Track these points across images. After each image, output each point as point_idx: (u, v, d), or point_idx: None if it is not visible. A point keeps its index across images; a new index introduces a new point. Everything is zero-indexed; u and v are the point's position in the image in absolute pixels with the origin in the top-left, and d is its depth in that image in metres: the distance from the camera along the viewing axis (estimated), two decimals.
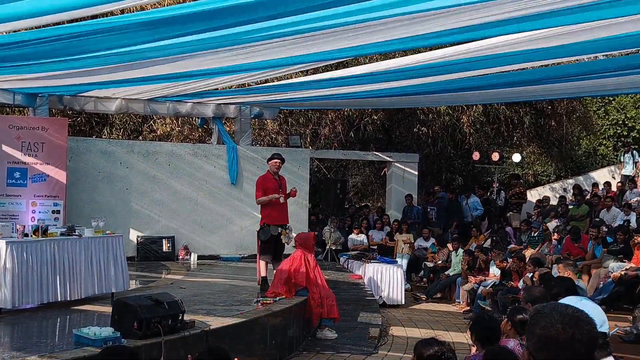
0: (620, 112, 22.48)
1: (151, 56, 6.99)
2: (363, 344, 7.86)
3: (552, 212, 13.94)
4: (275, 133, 16.42)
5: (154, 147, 12.47)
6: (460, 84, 9.56)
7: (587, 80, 8.80)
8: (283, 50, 6.98)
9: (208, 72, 8.57)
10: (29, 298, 6.63)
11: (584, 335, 1.76)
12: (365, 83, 10.08)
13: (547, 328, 1.77)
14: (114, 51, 6.67)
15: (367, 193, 21.04)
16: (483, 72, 8.89)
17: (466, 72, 8.74)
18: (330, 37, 6.37)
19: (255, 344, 6.73)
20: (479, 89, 10.07)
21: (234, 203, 12.56)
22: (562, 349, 1.75)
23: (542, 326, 1.78)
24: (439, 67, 8.40)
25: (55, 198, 10.33)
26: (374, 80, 9.81)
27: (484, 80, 9.29)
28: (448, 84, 9.58)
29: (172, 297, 5.85)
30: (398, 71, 9.06)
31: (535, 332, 1.80)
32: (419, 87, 9.76)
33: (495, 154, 14.29)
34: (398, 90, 10.16)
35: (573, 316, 1.79)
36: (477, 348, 4.25)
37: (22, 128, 10.23)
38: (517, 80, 9.63)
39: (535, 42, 6.74)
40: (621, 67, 8.10)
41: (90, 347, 4.98)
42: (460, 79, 9.17)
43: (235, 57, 7.32)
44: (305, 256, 8.12)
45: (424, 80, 9.26)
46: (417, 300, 12.02)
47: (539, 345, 1.79)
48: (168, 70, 8.06)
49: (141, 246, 11.72)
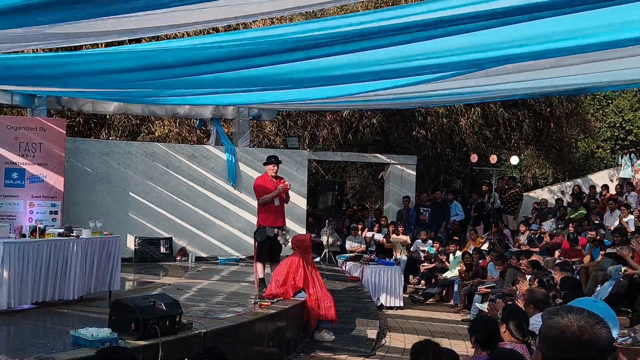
0: (618, 114, 22.54)
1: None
2: (361, 346, 7.85)
3: (549, 214, 13.96)
4: (274, 135, 16.42)
5: (152, 148, 12.46)
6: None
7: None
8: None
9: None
10: (26, 298, 6.62)
11: (600, 339, 1.75)
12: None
13: (563, 331, 1.76)
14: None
15: (365, 195, 21.03)
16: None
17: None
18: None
19: (253, 345, 6.73)
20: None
21: (232, 205, 12.55)
22: (577, 352, 1.73)
23: (558, 329, 1.77)
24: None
25: (53, 199, 10.32)
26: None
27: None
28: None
29: (170, 298, 5.84)
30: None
31: (551, 335, 1.78)
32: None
33: (493, 156, 14.32)
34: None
35: (589, 319, 1.77)
36: (477, 350, 4.25)
37: (20, 129, 10.22)
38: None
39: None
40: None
41: (88, 348, 4.97)
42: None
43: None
44: (302, 258, 8.11)
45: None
46: (415, 303, 12.02)
47: (553, 348, 1.77)
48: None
49: (139, 247, 11.70)
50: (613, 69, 6.50)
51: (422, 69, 6.13)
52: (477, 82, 7.17)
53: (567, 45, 5.05)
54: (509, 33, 4.95)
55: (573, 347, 1.74)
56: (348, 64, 5.86)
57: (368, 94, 8.18)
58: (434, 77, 6.65)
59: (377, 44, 5.16)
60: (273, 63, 5.82)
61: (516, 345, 4.22)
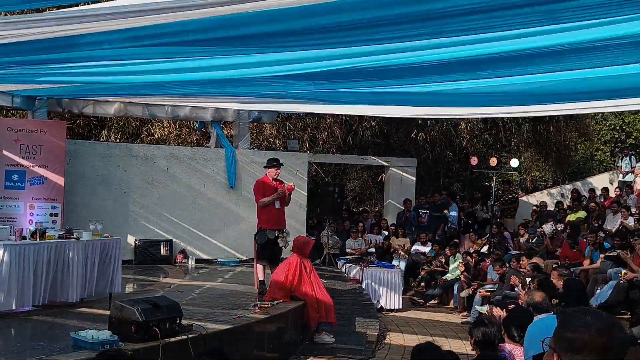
0: (618, 117, 22.57)
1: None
2: (360, 349, 7.85)
3: (549, 217, 13.96)
4: (274, 137, 16.44)
5: (152, 150, 12.47)
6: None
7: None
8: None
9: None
10: (27, 300, 6.62)
11: (617, 341, 1.75)
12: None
13: (581, 333, 1.75)
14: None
15: (365, 197, 21.05)
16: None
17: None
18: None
19: (253, 348, 6.73)
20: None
21: (232, 207, 12.56)
22: (593, 354, 1.73)
23: (575, 330, 1.76)
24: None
25: (54, 201, 10.32)
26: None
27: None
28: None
29: (170, 300, 5.85)
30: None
31: (567, 336, 1.78)
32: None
33: (493, 159, 14.33)
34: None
35: (607, 322, 1.77)
36: (477, 352, 4.26)
37: (21, 131, 10.22)
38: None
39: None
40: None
41: (88, 351, 4.97)
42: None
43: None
44: (301, 261, 8.11)
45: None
46: (415, 305, 12.02)
47: (570, 349, 1.76)
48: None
49: (139, 249, 11.70)
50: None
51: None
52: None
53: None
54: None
55: (590, 349, 1.74)
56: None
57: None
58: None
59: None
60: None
61: (515, 347, 4.24)
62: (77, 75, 7.56)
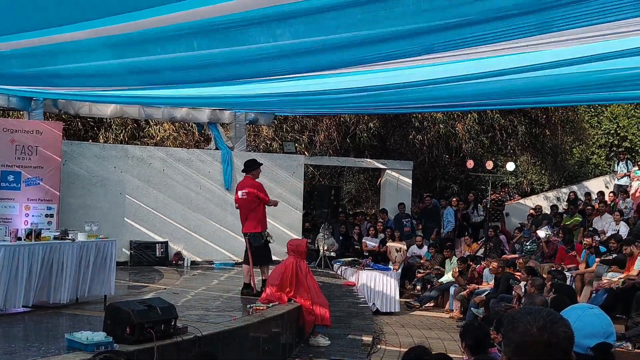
0: (613, 121, 22.66)
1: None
2: (356, 352, 7.84)
3: (544, 220, 13.97)
4: (270, 139, 16.43)
5: (148, 151, 12.46)
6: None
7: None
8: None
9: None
10: (21, 301, 6.60)
11: (560, 337, 1.78)
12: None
13: (524, 333, 1.79)
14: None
15: (362, 200, 21.05)
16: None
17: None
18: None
19: (248, 350, 6.72)
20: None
21: (228, 208, 12.53)
22: (539, 353, 1.77)
23: (519, 331, 1.80)
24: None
25: (49, 202, 10.30)
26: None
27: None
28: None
29: (165, 302, 5.84)
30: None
31: (513, 338, 1.81)
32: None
33: (489, 162, 14.35)
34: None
35: (547, 319, 1.80)
36: (467, 355, 4.26)
37: (16, 131, 10.20)
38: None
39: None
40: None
41: (82, 352, 4.96)
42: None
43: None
44: (297, 262, 8.11)
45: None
46: (411, 308, 12.02)
47: (517, 350, 1.80)
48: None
49: (134, 251, 11.68)
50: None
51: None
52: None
53: None
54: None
55: (535, 348, 1.77)
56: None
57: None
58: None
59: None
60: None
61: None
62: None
